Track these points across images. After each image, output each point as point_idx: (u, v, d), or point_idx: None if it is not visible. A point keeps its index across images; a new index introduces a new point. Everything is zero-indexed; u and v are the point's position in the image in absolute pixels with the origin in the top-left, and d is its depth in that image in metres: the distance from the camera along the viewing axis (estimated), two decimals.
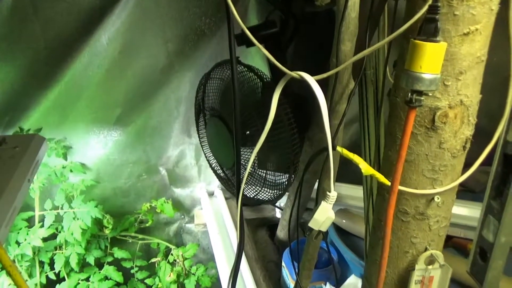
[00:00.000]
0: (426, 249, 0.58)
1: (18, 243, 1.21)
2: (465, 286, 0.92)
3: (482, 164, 0.55)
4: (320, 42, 0.96)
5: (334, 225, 1.22)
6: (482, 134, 0.54)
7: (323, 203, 0.57)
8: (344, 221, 1.21)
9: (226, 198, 1.52)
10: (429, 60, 0.42)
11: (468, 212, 1.10)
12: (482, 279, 0.60)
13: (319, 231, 0.59)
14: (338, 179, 1.00)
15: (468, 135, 0.52)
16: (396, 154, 0.49)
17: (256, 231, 1.44)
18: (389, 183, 0.53)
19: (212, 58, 1.22)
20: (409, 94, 0.44)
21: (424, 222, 0.56)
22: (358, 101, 0.93)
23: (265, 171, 0.92)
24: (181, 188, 1.50)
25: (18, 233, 1.22)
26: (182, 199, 1.52)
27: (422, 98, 0.44)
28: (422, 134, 0.51)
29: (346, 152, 0.56)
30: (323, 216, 0.57)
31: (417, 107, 0.45)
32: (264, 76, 0.85)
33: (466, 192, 1.25)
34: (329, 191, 0.56)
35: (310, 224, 0.58)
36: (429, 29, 0.42)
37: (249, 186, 0.96)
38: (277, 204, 1.49)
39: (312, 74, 0.51)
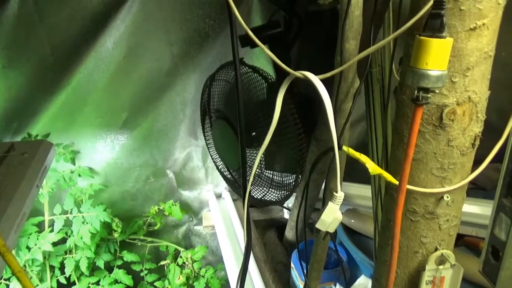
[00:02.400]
0: (436, 249, 0.57)
1: (28, 248, 1.23)
2: (478, 286, 0.91)
3: (493, 161, 0.53)
4: (324, 41, 0.95)
5: (343, 225, 1.21)
6: (493, 131, 0.53)
7: (330, 204, 0.56)
8: (353, 221, 1.20)
9: (233, 200, 1.52)
10: (435, 56, 0.41)
11: (480, 210, 1.08)
12: (494, 278, 0.58)
13: (327, 232, 0.58)
14: (346, 178, 1.00)
15: (477, 132, 0.51)
16: (403, 153, 0.48)
17: (264, 232, 1.44)
18: (397, 182, 0.52)
19: (217, 59, 1.22)
20: (416, 91, 0.43)
21: (433, 221, 0.55)
22: (365, 99, 0.92)
23: (272, 172, 0.91)
24: (188, 190, 1.51)
25: (29, 238, 1.24)
26: (190, 201, 1.53)
27: (429, 95, 0.43)
28: (430, 132, 0.50)
29: (352, 151, 0.56)
30: (330, 217, 0.56)
31: (424, 105, 0.44)
32: (269, 77, 0.84)
33: (477, 189, 1.23)
34: (336, 192, 0.56)
35: (318, 225, 0.57)
36: (434, 25, 0.41)
37: (256, 187, 0.96)
38: (285, 205, 1.48)
39: (318, 74, 0.51)
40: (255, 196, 0.97)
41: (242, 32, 0.53)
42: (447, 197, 0.53)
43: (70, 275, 1.30)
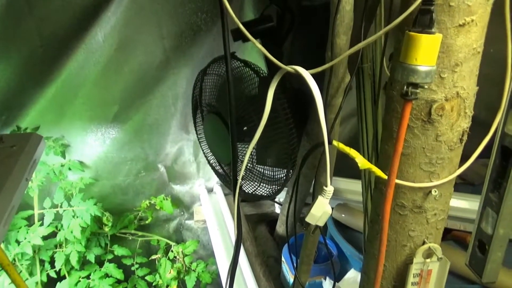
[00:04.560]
0: (424, 243, 0.58)
1: (18, 242, 1.21)
2: (464, 279, 0.92)
3: (482, 156, 0.54)
4: (317, 36, 0.95)
5: (334, 220, 1.22)
6: (482, 127, 0.54)
7: (320, 198, 0.56)
8: (343, 215, 1.21)
9: (225, 194, 1.52)
10: (424, 52, 0.41)
11: (468, 205, 1.10)
12: (481, 271, 0.60)
13: (316, 226, 0.59)
14: (337, 173, 1.00)
15: (465, 128, 0.51)
16: (392, 148, 0.48)
17: (255, 226, 1.44)
18: (386, 177, 0.52)
19: (209, 53, 1.21)
20: (405, 87, 0.43)
21: (421, 215, 0.56)
22: (356, 95, 0.92)
23: (263, 167, 0.92)
24: (180, 184, 1.50)
25: (18, 232, 1.22)
26: (181, 195, 1.52)
27: (418, 90, 0.43)
28: (419, 127, 0.51)
29: (342, 146, 0.56)
30: (320, 211, 0.56)
31: (413, 100, 0.44)
32: (261, 71, 0.84)
33: (465, 185, 1.25)
34: (326, 186, 0.56)
35: (307, 219, 0.58)
36: (424, 21, 0.41)
37: (248, 181, 0.96)
38: (276, 199, 1.49)
39: (310, 69, 0.51)
40: (246, 191, 0.98)
41: (235, 26, 0.53)
42: (435, 191, 0.54)
43: (60, 269, 1.29)
